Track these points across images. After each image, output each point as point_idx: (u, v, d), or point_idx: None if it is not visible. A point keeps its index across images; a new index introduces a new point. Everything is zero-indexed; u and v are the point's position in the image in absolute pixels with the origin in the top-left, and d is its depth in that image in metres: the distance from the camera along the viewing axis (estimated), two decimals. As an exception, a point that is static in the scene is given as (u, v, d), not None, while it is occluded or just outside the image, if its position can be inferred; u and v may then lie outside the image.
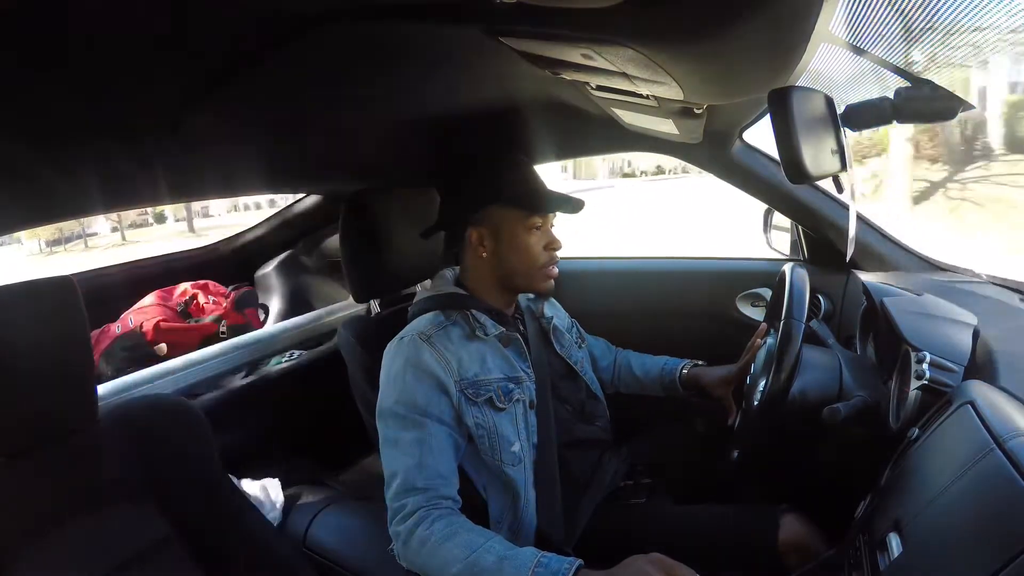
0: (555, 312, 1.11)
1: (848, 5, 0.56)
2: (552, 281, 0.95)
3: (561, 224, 0.98)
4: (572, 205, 0.94)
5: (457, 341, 0.89)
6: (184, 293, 1.80)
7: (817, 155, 0.62)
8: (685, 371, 1.08)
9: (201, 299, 1.80)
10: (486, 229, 0.93)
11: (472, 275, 0.97)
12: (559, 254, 0.96)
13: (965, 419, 0.56)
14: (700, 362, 1.09)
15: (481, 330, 0.92)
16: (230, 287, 1.87)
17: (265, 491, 1.13)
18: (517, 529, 0.86)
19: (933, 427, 0.61)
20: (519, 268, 0.93)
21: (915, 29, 0.60)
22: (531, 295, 1.10)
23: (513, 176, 0.93)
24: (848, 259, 0.99)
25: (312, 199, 1.72)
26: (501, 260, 0.93)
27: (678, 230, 7.98)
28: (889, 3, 0.56)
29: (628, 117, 1.00)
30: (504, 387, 0.89)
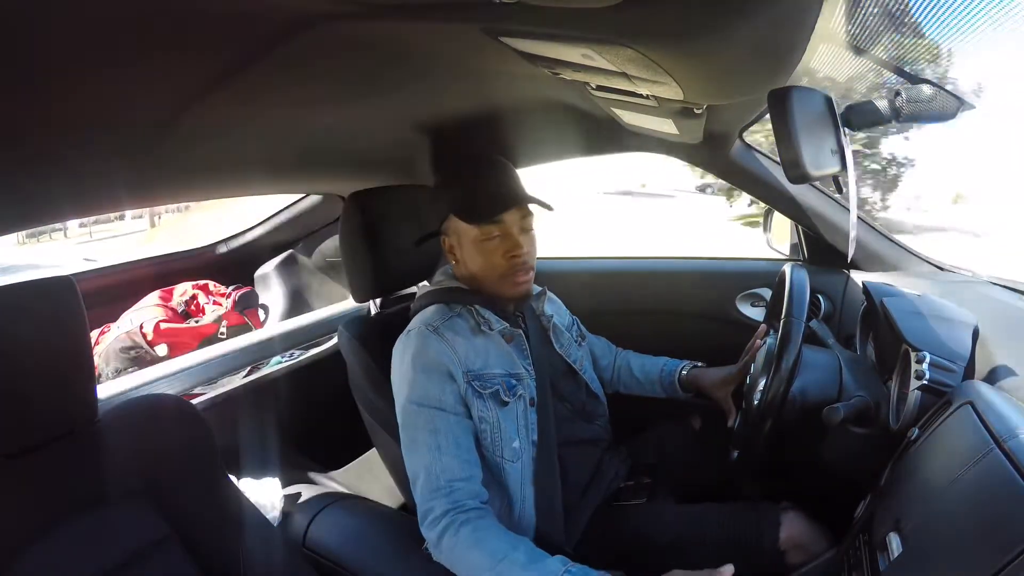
0: (555, 310, 1.11)
1: (848, 5, 0.56)
2: (525, 287, 0.93)
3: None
4: (531, 204, 0.90)
5: (463, 333, 0.89)
6: (184, 293, 1.80)
7: (817, 155, 0.62)
8: (684, 372, 1.08)
9: (201, 299, 1.80)
10: (452, 238, 0.93)
11: (459, 276, 0.98)
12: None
13: (965, 419, 0.56)
14: (700, 363, 1.09)
15: (486, 325, 0.92)
16: (230, 287, 1.87)
17: (265, 491, 1.13)
18: (516, 529, 0.86)
19: (933, 427, 0.61)
20: (481, 276, 0.92)
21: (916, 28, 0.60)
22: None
23: (462, 185, 0.91)
24: (849, 259, 0.99)
25: (312, 199, 1.72)
26: (467, 269, 0.93)
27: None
28: (889, 3, 0.56)
29: (628, 117, 1.00)
30: (508, 382, 0.89)
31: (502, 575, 0.72)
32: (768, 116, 0.64)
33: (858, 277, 1.19)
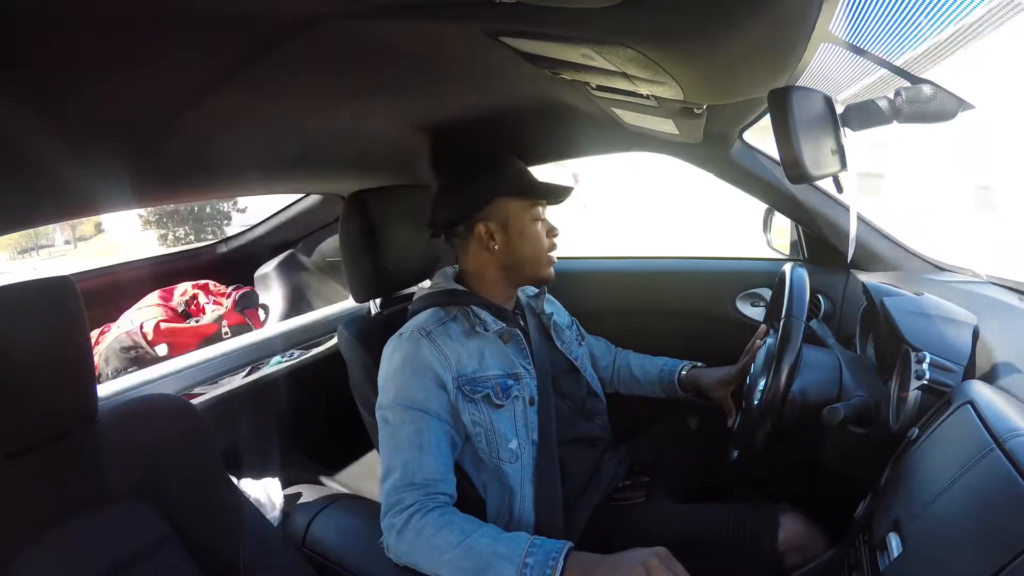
0: (554, 309, 1.11)
1: (848, 5, 0.56)
2: (552, 268, 1.00)
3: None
4: (564, 195, 1.00)
5: (456, 337, 0.90)
6: (184, 293, 1.80)
7: (817, 155, 0.62)
8: (684, 372, 1.08)
9: (202, 299, 1.81)
10: (494, 223, 0.95)
11: (475, 271, 0.98)
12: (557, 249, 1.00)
13: (965, 419, 0.56)
14: (699, 363, 1.10)
15: (481, 326, 0.92)
16: (230, 287, 1.87)
17: (265, 491, 1.13)
18: (515, 527, 0.86)
19: (933, 427, 0.61)
20: (529, 256, 0.96)
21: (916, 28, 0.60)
22: (530, 292, 1.10)
23: (514, 169, 0.97)
24: (849, 259, 0.99)
25: (312, 199, 1.72)
26: (511, 251, 0.96)
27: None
28: (889, 3, 0.56)
29: (628, 117, 1.00)
30: (503, 384, 0.89)
31: (471, 547, 0.73)
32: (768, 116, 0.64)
33: (858, 277, 1.19)
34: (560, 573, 0.69)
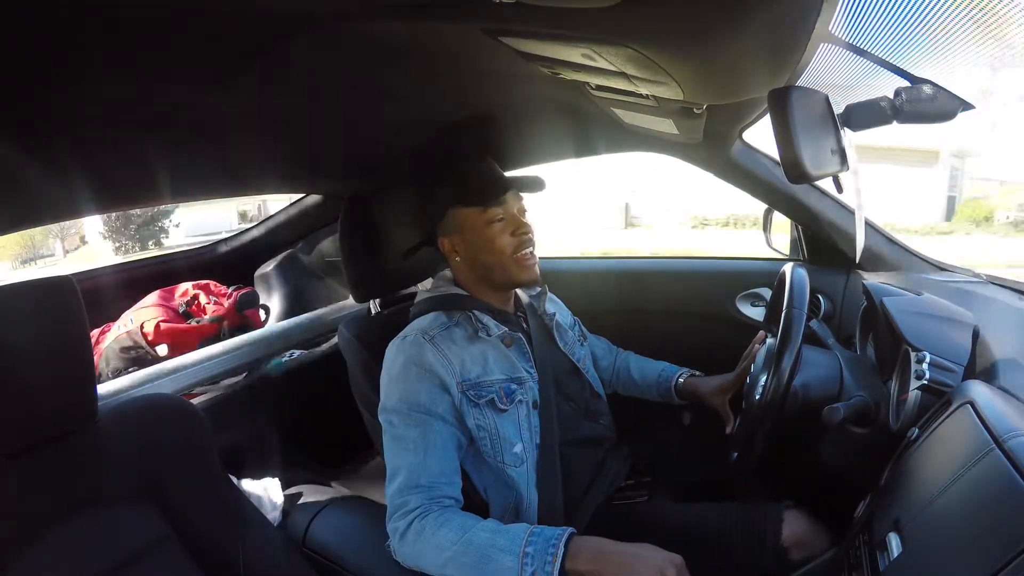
0: (557, 309, 1.11)
1: (848, 5, 0.56)
2: (535, 269, 0.94)
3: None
4: (530, 185, 0.95)
5: (460, 342, 0.89)
6: (185, 293, 1.79)
7: (817, 155, 0.62)
8: (681, 380, 1.08)
9: (202, 299, 1.80)
10: (455, 234, 0.94)
11: (461, 280, 0.98)
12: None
13: (965, 419, 0.56)
14: (697, 372, 1.09)
15: (484, 331, 0.92)
16: (231, 287, 1.87)
17: (265, 491, 1.13)
18: None
19: (933, 427, 0.61)
20: (491, 263, 0.93)
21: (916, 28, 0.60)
22: (532, 291, 1.10)
23: (462, 175, 0.93)
24: (857, 260, 1.00)
25: (312, 199, 1.72)
26: (474, 260, 0.94)
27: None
28: (889, 3, 0.56)
29: (628, 117, 1.00)
30: (507, 388, 0.89)
31: (471, 542, 0.73)
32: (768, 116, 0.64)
33: (858, 277, 1.19)
34: (562, 559, 0.69)
